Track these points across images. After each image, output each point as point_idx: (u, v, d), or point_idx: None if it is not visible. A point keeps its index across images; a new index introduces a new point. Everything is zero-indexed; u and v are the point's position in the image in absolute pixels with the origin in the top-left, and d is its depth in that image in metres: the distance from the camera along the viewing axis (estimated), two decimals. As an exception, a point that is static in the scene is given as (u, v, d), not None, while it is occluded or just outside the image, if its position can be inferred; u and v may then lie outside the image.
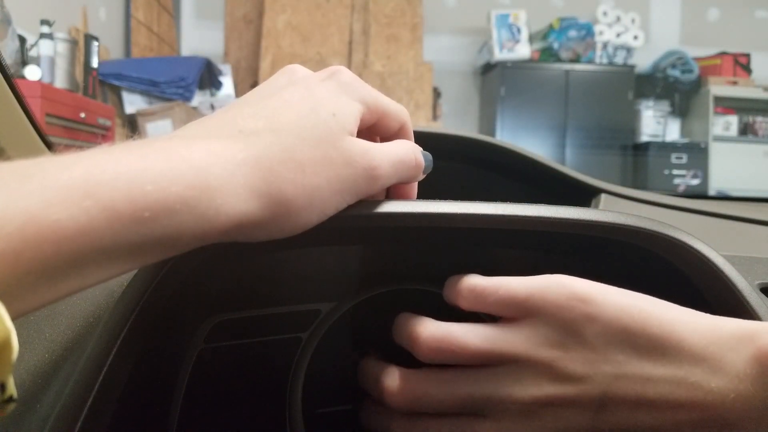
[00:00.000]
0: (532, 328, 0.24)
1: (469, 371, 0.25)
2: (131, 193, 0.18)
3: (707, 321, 0.24)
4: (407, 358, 0.27)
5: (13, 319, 0.16)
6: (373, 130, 0.27)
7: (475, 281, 0.26)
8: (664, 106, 3.56)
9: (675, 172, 3.40)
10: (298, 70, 0.26)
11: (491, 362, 0.25)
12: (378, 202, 0.25)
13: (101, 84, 2.34)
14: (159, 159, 0.19)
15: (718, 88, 3.46)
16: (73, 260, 0.17)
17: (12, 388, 0.16)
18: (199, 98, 2.66)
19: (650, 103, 3.54)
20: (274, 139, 0.22)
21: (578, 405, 0.24)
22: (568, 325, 0.24)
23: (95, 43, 2.11)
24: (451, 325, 0.26)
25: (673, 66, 3.51)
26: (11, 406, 0.16)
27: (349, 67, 3.13)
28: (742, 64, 3.55)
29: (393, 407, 0.26)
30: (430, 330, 0.25)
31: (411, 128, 0.29)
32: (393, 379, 0.26)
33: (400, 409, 0.26)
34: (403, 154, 0.26)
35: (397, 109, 0.27)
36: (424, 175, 0.28)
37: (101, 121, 1.98)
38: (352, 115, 0.24)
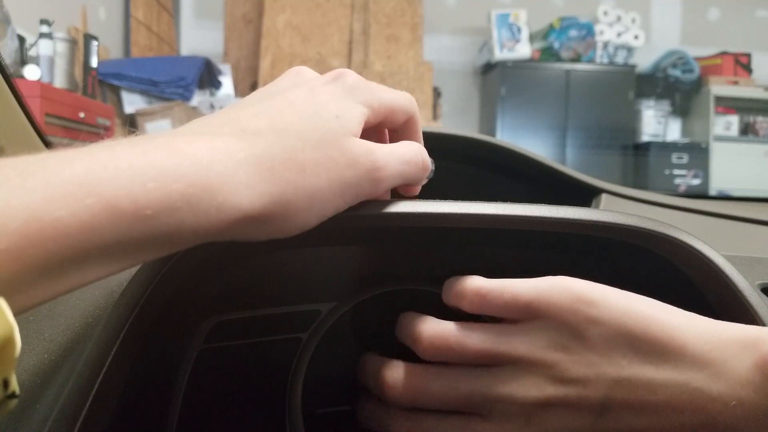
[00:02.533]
0: (535, 330, 0.24)
1: (471, 369, 0.25)
2: (133, 190, 0.18)
3: (710, 326, 0.24)
4: (407, 358, 0.27)
5: (15, 315, 0.16)
6: (380, 125, 0.27)
7: (479, 284, 0.26)
8: (665, 105, 3.56)
9: (676, 172, 3.40)
10: (304, 72, 0.26)
11: (493, 363, 0.25)
12: (378, 202, 0.25)
13: (101, 84, 2.34)
14: (161, 155, 0.19)
15: (718, 87, 3.46)
16: (75, 257, 0.17)
17: (15, 385, 0.16)
18: (198, 98, 2.66)
19: (651, 102, 3.54)
20: (276, 140, 0.22)
21: (580, 408, 0.24)
22: (571, 328, 0.24)
23: (95, 43, 2.11)
24: (453, 324, 0.26)
25: (674, 66, 3.50)
26: (14, 403, 0.16)
27: (348, 67, 3.13)
28: (742, 63, 3.54)
29: (393, 401, 0.26)
30: (432, 328, 0.26)
31: (419, 119, 0.28)
32: (394, 372, 0.26)
33: (400, 404, 0.26)
34: (411, 156, 0.25)
35: (403, 103, 0.27)
36: (427, 180, 0.28)
37: (100, 120, 1.98)
38: (355, 118, 0.24)
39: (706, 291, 0.27)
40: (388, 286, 0.31)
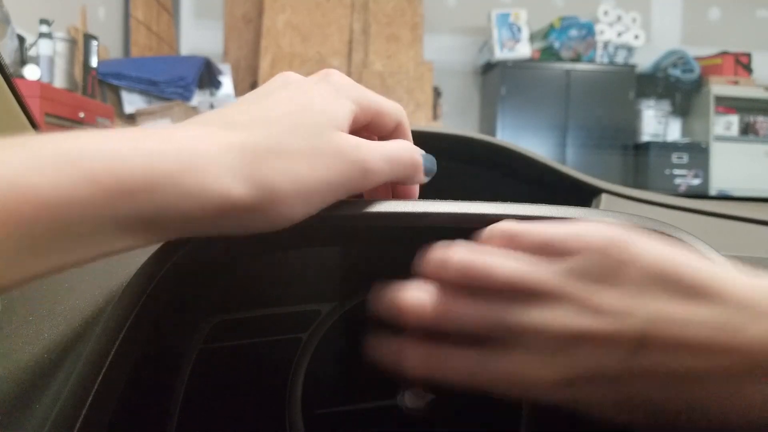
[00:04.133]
0: (569, 263, 0.23)
1: (501, 295, 0.23)
2: (113, 164, 0.18)
3: (749, 276, 0.23)
4: None
5: None
6: (368, 129, 0.27)
7: (507, 225, 0.25)
8: (665, 105, 3.56)
9: (676, 171, 3.40)
10: (291, 74, 0.27)
11: (523, 294, 0.23)
12: (379, 202, 0.25)
13: (100, 83, 2.34)
14: (147, 139, 0.20)
15: (719, 87, 3.46)
16: (56, 231, 0.17)
17: None
18: (198, 98, 2.66)
19: (651, 102, 3.54)
20: (264, 129, 0.22)
21: (614, 343, 0.22)
22: (605, 266, 0.23)
23: (94, 43, 2.11)
24: (484, 251, 0.24)
25: (674, 65, 3.50)
26: None
27: (349, 66, 3.14)
28: (743, 63, 3.54)
29: (413, 321, 0.24)
30: (463, 252, 0.24)
31: (408, 127, 0.28)
32: (419, 292, 0.24)
33: (420, 324, 0.24)
34: (399, 152, 0.26)
35: (391, 108, 0.27)
36: (428, 178, 0.28)
37: (100, 120, 1.98)
38: (343, 113, 0.25)
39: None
40: (388, 286, 0.31)
